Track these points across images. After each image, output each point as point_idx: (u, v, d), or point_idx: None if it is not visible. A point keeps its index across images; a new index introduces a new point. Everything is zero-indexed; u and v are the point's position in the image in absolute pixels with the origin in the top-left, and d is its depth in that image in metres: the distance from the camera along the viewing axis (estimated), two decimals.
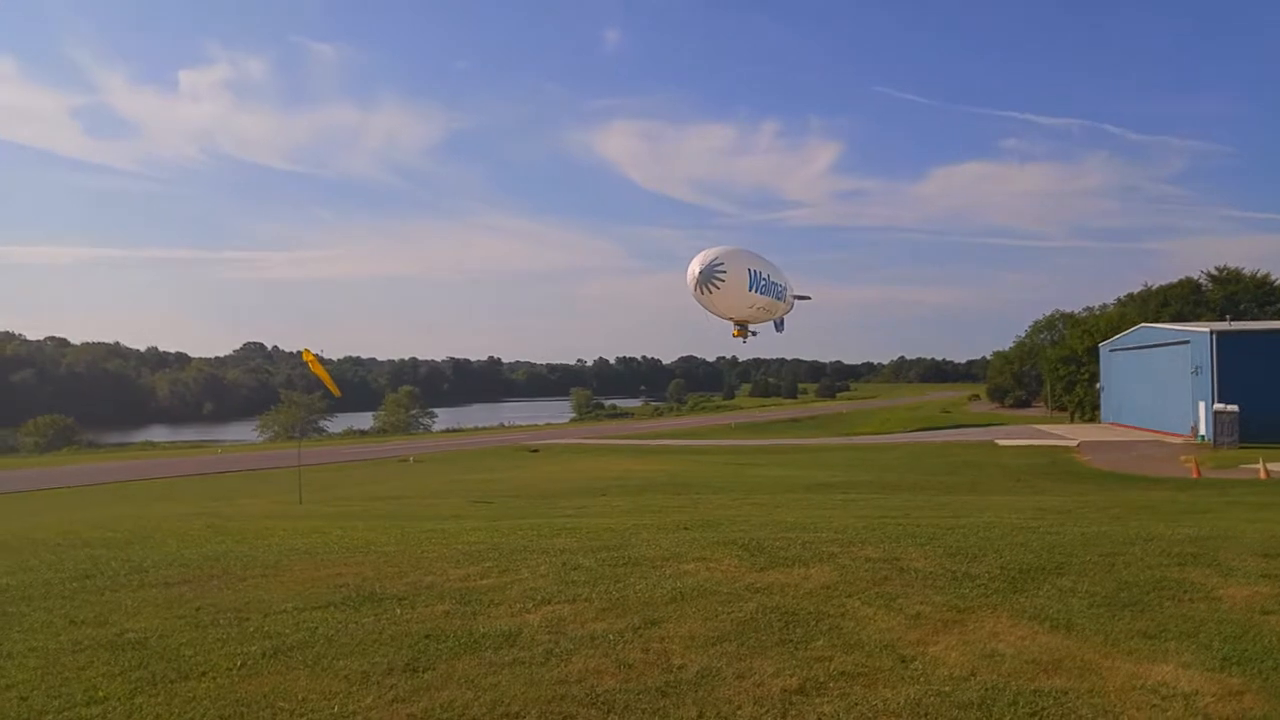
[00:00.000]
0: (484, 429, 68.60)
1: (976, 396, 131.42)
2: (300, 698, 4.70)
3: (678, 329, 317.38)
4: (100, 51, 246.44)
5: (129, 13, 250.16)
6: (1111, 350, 64.13)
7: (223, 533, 11.39)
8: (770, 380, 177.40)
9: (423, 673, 5.12)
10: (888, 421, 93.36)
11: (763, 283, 24.92)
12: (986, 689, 4.64)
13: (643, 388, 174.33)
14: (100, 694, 4.75)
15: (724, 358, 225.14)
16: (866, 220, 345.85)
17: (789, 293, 29.62)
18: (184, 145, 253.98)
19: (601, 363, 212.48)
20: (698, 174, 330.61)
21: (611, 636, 5.77)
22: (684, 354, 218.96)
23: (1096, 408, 68.46)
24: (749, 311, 25.53)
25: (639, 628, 5.96)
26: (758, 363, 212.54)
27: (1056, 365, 78.95)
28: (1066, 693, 4.57)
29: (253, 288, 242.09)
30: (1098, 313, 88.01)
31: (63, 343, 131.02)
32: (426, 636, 5.82)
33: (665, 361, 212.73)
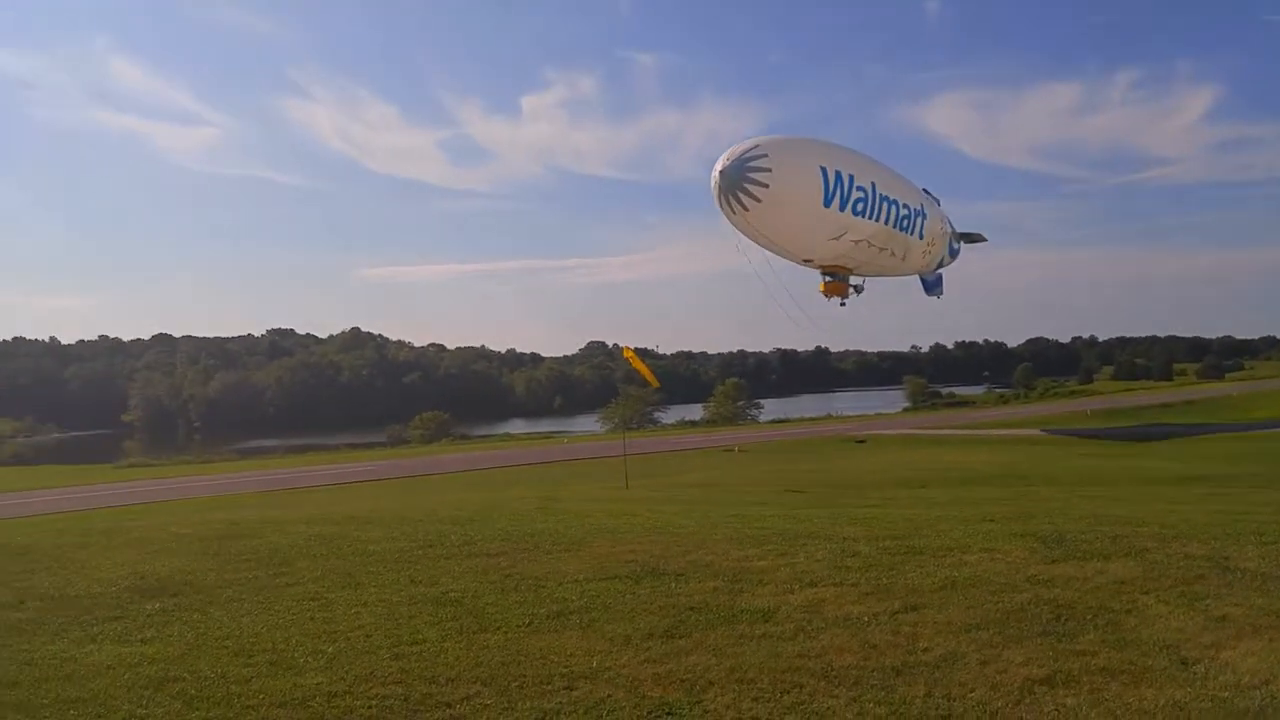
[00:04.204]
0: (810, 419, 68.53)
1: None
2: (568, 653, 5.38)
3: (1025, 308, 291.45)
4: (458, 89, 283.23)
5: (479, 51, 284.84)
6: None
7: (550, 513, 12.85)
8: (1137, 361, 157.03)
9: (678, 639, 5.59)
10: None
11: (862, 197, 15.94)
12: (1271, 700, 4.11)
13: (985, 374, 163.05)
14: (420, 637, 5.80)
15: (1080, 338, 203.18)
16: (1256, 173, 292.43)
17: (933, 225, 19.72)
18: (529, 165, 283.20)
19: (938, 348, 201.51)
20: (1039, 139, 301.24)
21: (866, 619, 5.84)
22: (1032, 335, 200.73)
23: None
24: (835, 247, 16.47)
25: (896, 612, 5.96)
26: (1122, 341, 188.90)
27: None
28: None
29: (593, 291, 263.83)
30: None
31: (441, 348, 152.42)
32: (691, 609, 6.30)
33: (1010, 345, 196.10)
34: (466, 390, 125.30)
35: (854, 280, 17.59)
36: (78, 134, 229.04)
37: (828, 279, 16.94)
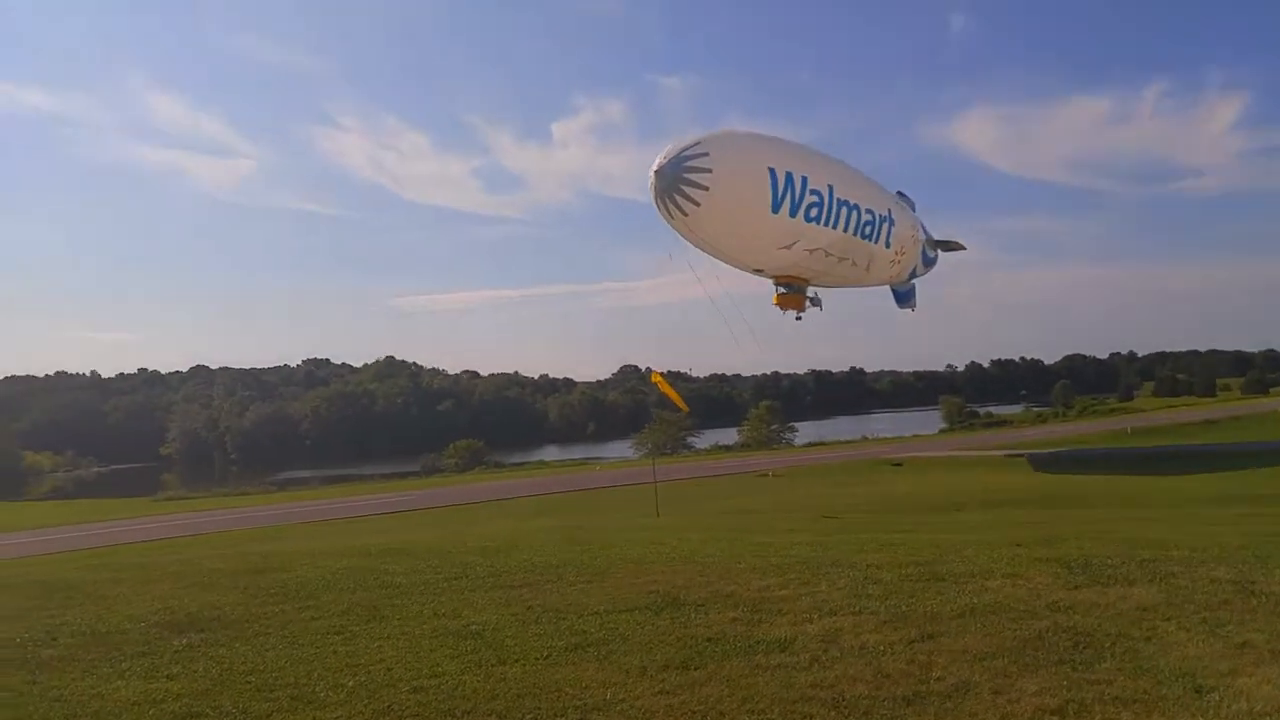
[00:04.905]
0: (845, 442, 67.97)
1: None
2: (584, 685, 5.43)
3: (1061, 325, 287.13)
4: (491, 117, 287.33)
5: (510, 79, 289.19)
6: None
7: (576, 543, 12.89)
8: (1179, 377, 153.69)
9: (693, 670, 5.62)
10: None
11: (817, 201, 14.12)
12: None
13: (1023, 392, 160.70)
14: (440, 670, 5.88)
15: (1118, 354, 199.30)
16: None
17: (902, 232, 17.61)
18: (560, 191, 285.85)
19: (974, 367, 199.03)
20: (1069, 153, 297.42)
21: (882, 648, 5.83)
22: (1069, 352, 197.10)
23: None
24: (787, 256, 14.69)
25: (913, 640, 5.94)
26: (1162, 357, 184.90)
27: None
28: None
29: (625, 315, 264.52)
30: None
31: (474, 375, 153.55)
32: (708, 639, 6.32)
33: (1048, 362, 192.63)
34: (500, 417, 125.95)
35: (811, 292, 16.00)
36: (116, 169, 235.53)
37: (782, 290, 15.72)
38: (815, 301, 15.88)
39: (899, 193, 21.09)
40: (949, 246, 21.59)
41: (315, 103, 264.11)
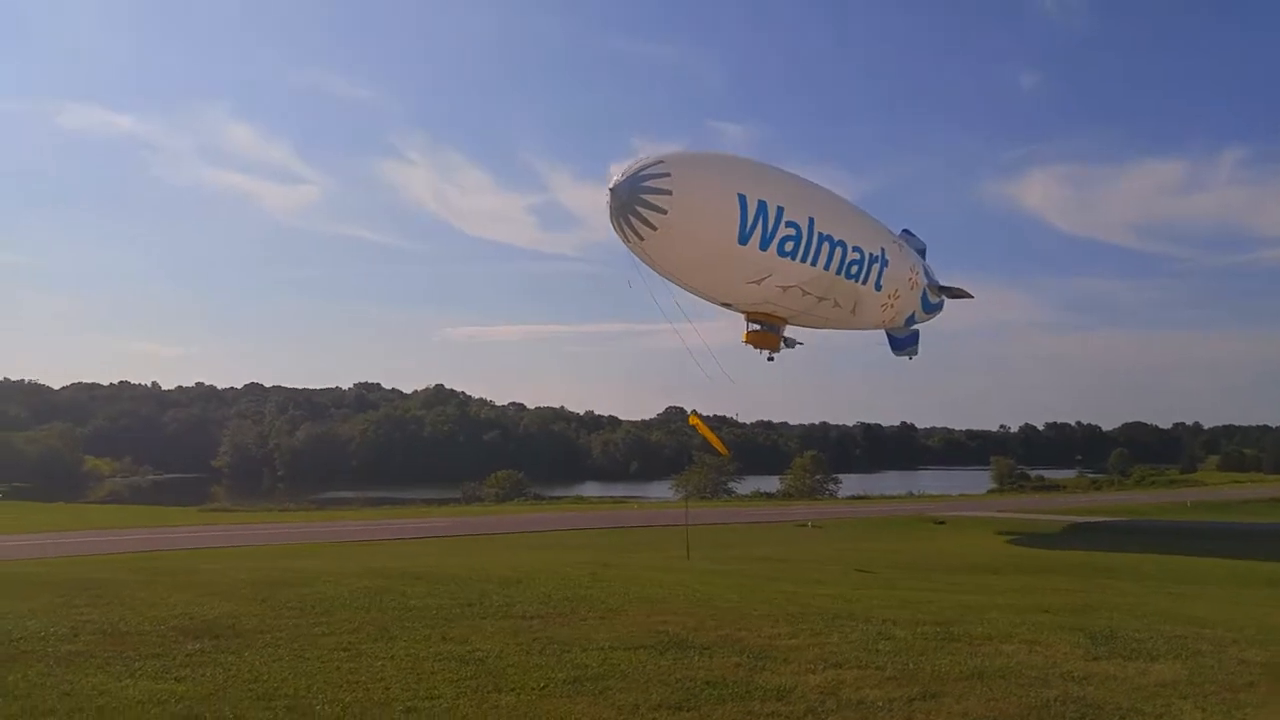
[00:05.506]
0: (890, 497, 66.80)
1: None
2: (574, 718, 5.41)
3: (1122, 390, 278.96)
4: (550, 157, 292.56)
5: (571, 120, 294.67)
6: None
7: (599, 579, 12.86)
8: (1246, 452, 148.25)
9: (685, 712, 5.57)
10: None
11: (793, 235, 12.42)
12: None
13: (1078, 457, 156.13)
14: (436, 694, 5.91)
15: (1182, 424, 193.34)
16: None
17: (897, 274, 16.01)
18: (611, 229, 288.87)
19: (1028, 429, 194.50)
20: (1137, 217, 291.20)
21: (880, 703, 5.72)
22: (1130, 419, 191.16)
23: None
24: (758, 291, 13.18)
25: (913, 699, 5.82)
26: (1229, 430, 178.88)
27: None
28: None
29: (674, 356, 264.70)
30: None
31: (520, 407, 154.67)
32: (707, 683, 6.25)
33: (1105, 428, 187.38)
34: (544, 450, 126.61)
35: (788, 332, 14.91)
36: (191, 192, 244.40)
37: (754, 328, 14.42)
38: (790, 343, 14.42)
39: (905, 231, 19.31)
40: (954, 294, 20.12)
41: (383, 136, 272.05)
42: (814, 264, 12.88)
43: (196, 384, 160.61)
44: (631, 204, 11.86)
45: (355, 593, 10.11)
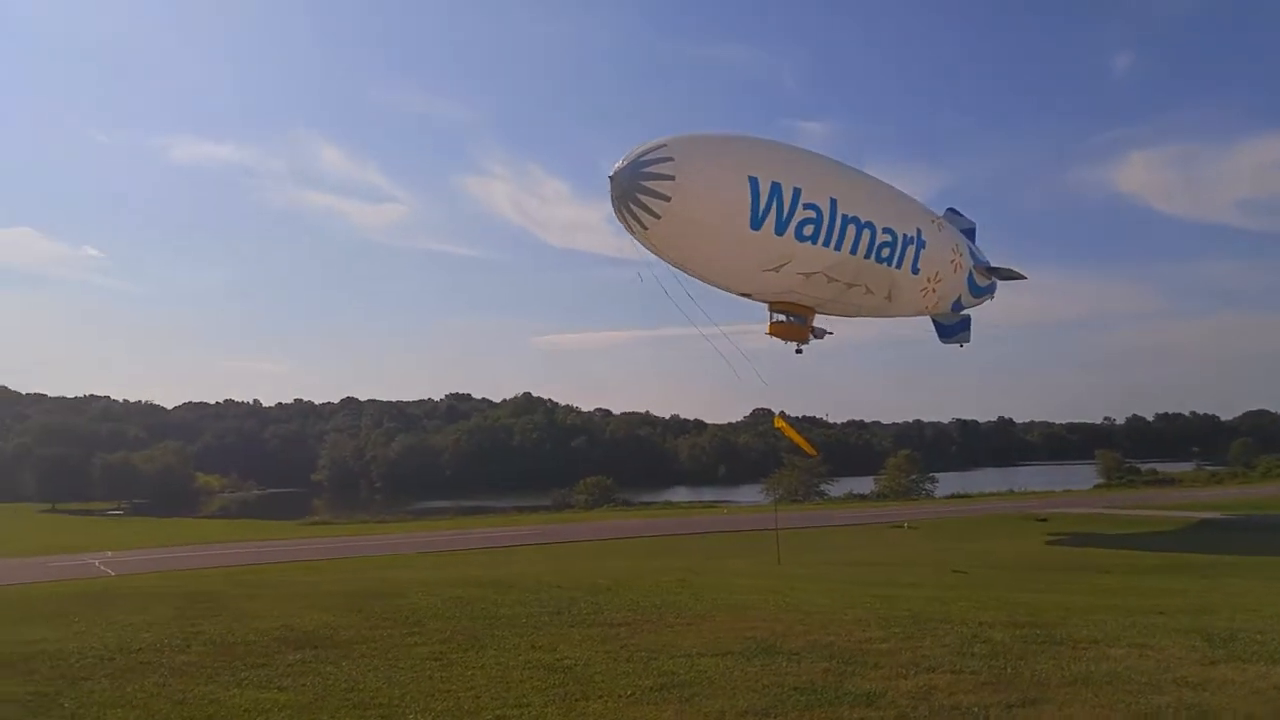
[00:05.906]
0: (989, 495, 64.70)
1: None
2: None
3: (1240, 377, 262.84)
4: None
5: (645, 125, 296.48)
6: None
7: (685, 585, 12.84)
8: None
9: (772, 718, 5.50)
10: None
11: (813, 217, 11.71)
12: None
13: (1194, 449, 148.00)
14: (525, 702, 5.98)
15: None
16: None
17: (937, 256, 14.93)
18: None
19: (1136, 420, 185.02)
20: (1251, 194, 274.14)
21: (976, 710, 5.52)
22: (1252, 408, 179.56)
23: None
24: (778, 280, 12.36)
25: (1012, 705, 5.60)
26: None
27: None
28: None
29: (758, 358, 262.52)
30: None
31: (606, 413, 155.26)
32: (796, 689, 6.16)
33: (1224, 418, 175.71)
34: (630, 455, 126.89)
35: (818, 322, 13.83)
36: (287, 213, 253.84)
37: (778, 319, 13.46)
38: (819, 334, 13.47)
39: (951, 210, 20.07)
40: (1005, 275, 18.63)
41: (465, 151, 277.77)
42: (838, 248, 11.98)
43: (295, 400, 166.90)
44: (632, 191, 11.30)
45: (446, 602, 10.33)
